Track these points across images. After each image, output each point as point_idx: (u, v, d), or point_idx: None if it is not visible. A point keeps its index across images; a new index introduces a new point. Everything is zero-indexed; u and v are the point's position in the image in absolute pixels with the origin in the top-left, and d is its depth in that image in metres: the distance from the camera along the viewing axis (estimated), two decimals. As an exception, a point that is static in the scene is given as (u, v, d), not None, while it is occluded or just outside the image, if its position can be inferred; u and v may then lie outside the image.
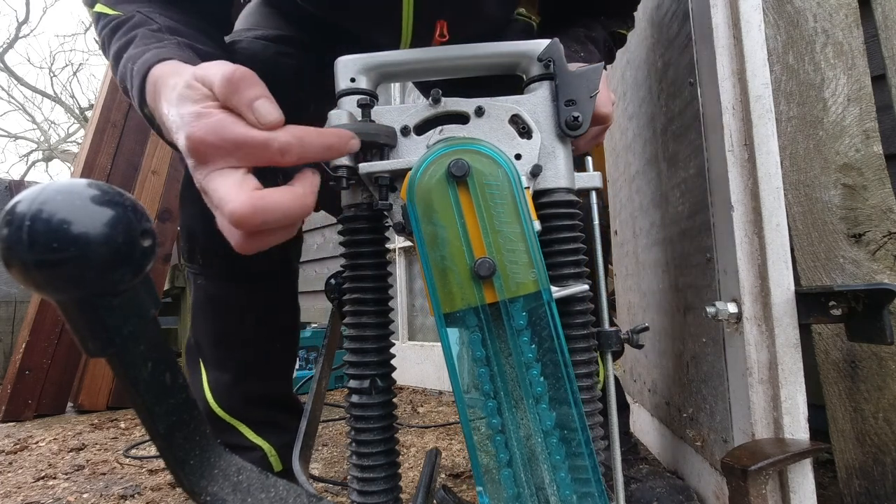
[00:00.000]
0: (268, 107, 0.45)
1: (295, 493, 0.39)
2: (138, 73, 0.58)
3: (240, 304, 0.89)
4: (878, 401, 0.75)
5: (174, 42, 0.63)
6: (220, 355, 0.92)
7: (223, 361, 0.91)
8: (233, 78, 0.45)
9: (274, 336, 0.94)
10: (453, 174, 0.47)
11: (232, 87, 0.45)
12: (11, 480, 1.29)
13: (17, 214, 0.25)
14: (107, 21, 0.69)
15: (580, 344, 0.54)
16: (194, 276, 0.90)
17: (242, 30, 0.88)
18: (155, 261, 0.29)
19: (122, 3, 0.70)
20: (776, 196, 0.67)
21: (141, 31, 0.65)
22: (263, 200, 0.43)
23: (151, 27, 0.66)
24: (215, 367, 0.92)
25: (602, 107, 0.62)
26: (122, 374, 0.30)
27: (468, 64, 0.63)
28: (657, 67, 1.08)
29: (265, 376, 0.94)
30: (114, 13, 0.69)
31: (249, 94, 0.45)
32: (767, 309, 0.67)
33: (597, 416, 0.54)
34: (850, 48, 0.84)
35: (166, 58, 0.58)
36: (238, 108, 0.45)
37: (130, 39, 0.64)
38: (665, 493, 0.86)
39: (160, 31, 0.66)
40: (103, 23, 0.70)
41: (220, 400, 0.92)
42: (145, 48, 0.61)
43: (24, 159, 11.75)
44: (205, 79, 0.47)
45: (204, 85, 0.47)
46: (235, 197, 0.42)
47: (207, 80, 0.47)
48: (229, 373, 0.91)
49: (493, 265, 0.46)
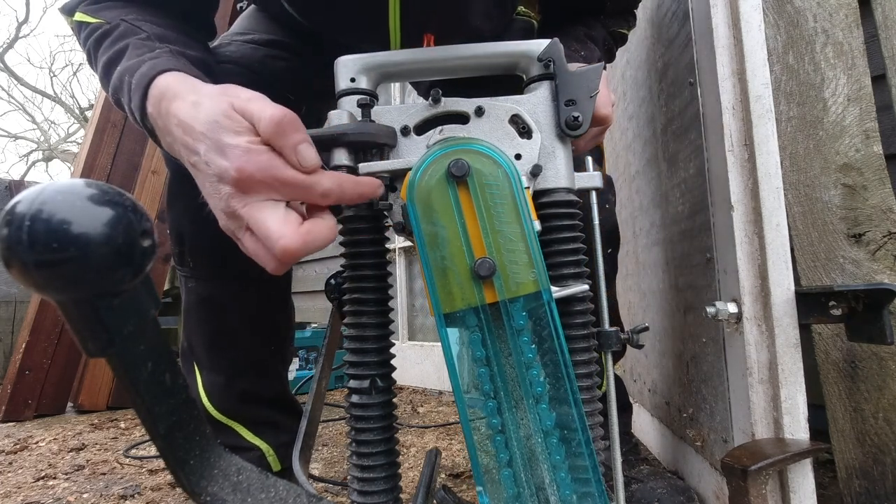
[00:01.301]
0: (310, 152, 0.48)
1: (295, 493, 0.39)
2: (138, 87, 0.57)
3: (231, 303, 0.89)
4: (878, 401, 0.75)
5: (167, 50, 0.63)
6: (214, 357, 0.92)
7: (216, 362, 0.92)
8: (282, 122, 0.47)
9: (267, 335, 0.94)
10: (453, 174, 0.47)
11: (280, 129, 0.47)
12: (11, 480, 1.29)
13: (17, 214, 0.25)
14: (90, 30, 0.68)
15: (580, 344, 0.54)
16: (185, 279, 0.90)
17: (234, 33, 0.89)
18: (155, 261, 0.29)
19: (104, 10, 0.69)
20: (776, 196, 0.67)
21: (131, 40, 0.64)
22: (311, 235, 0.48)
23: (140, 36, 0.65)
24: (209, 368, 0.92)
25: (602, 107, 0.62)
26: (122, 374, 0.30)
27: (468, 64, 0.63)
28: (657, 67, 1.08)
29: (259, 375, 0.94)
30: (96, 21, 0.68)
31: (295, 139, 0.48)
32: (767, 309, 0.67)
33: (597, 416, 0.53)
34: (850, 48, 0.84)
35: (167, 69, 0.57)
36: (282, 149, 0.48)
37: (121, 50, 0.64)
38: (666, 494, 0.86)
39: (150, 40, 0.65)
40: (86, 32, 0.68)
41: (216, 401, 0.92)
42: (139, 59, 0.60)
43: (24, 159, 11.76)
44: (245, 112, 0.49)
45: (244, 118, 0.49)
46: (286, 233, 0.47)
47: (249, 114, 0.49)
48: (223, 374, 0.91)
49: (493, 265, 0.46)
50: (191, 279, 0.89)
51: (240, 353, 0.91)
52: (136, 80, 0.58)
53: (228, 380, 0.91)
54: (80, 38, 0.70)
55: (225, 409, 0.92)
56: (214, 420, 0.92)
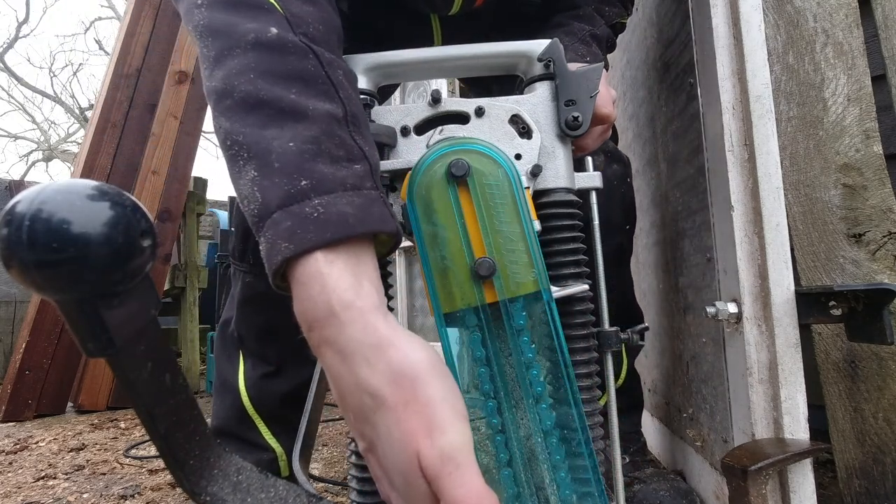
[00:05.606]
0: None
1: (295, 492, 0.39)
2: (295, 246, 0.38)
3: (288, 301, 0.91)
4: (878, 401, 0.75)
5: (374, 194, 0.42)
6: (264, 346, 0.95)
7: (266, 352, 0.95)
8: None
9: None
10: (453, 174, 0.47)
11: None
12: (11, 480, 1.29)
13: (17, 214, 0.25)
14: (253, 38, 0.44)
15: (580, 344, 0.54)
16: (243, 273, 0.93)
17: None
18: (155, 261, 0.29)
19: None
20: (776, 196, 0.67)
21: (321, 122, 0.42)
22: None
23: (335, 113, 0.43)
24: (258, 357, 0.95)
25: (602, 107, 0.62)
26: (122, 375, 0.30)
27: (468, 64, 0.63)
28: (657, 67, 1.08)
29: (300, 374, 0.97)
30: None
31: None
32: (767, 309, 0.67)
33: (597, 415, 0.53)
34: (850, 48, 0.84)
35: (333, 241, 0.38)
36: None
37: (303, 137, 0.41)
38: (668, 496, 0.85)
39: (345, 126, 0.43)
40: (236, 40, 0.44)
41: (252, 391, 0.95)
42: (328, 201, 0.39)
43: (24, 159, 11.75)
44: (434, 478, 0.35)
45: (427, 479, 0.36)
46: None
47: (437, 482, 0.35)
48: (272, 364, 0.95)
49: (493, 265, 0.46)
50: (248, 274, 0.92)
51: (288, 347, 0.94)
52: (297, 241, 0.38)
53: (272, 371, 0.95)
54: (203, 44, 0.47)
55: (258, 400, 0.95)
56: (244, 410, 0.95)
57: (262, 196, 0.40)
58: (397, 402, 0.37)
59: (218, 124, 0.44)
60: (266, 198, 0.40)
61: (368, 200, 0.41)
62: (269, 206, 0.40)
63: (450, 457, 0.35)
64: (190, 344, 2.70)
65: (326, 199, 0.39)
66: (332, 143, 0.42)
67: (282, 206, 0.39)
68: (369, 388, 0.37)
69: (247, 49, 0.44)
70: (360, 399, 0.38)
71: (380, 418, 0.37)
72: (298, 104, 0.42)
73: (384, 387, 0.37)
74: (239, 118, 0.42)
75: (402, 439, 0.36)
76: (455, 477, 0.35)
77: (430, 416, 0.36)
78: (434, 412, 0.36)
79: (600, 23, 0.85)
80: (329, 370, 0.40)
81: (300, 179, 0.40)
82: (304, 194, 0.39)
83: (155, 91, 2.47)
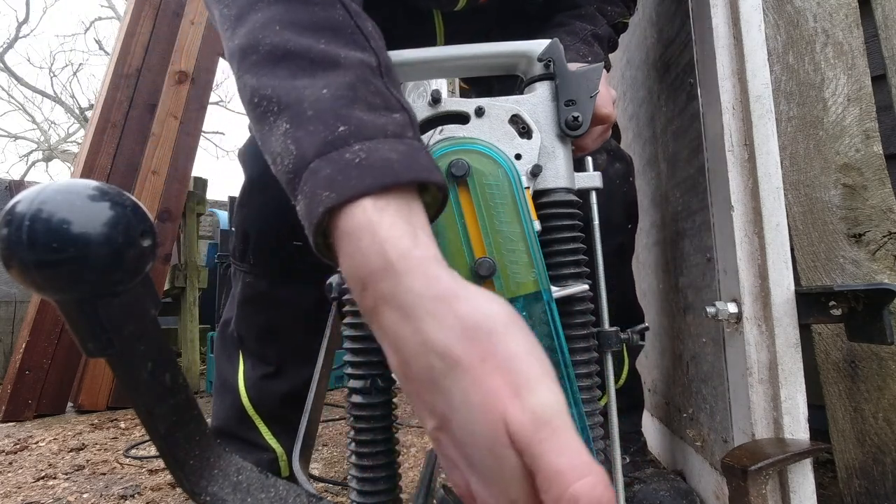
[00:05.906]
0: None
1: (295, 492, 0.39)
2: (338, 195, 0.34)
3: (288, 300, 0.92)
4: (878, 401, 0.75)
5: (418, 144, 0.39)
6: (264, 346, 0.95)
7: (266, 352, 0.95)
8: None
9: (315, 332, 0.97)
10: (453, 174, 0.47)
11: None
12: (11, 480, 1.29)
13: (17, 214, 0.25)
14: None
15: (580, 344, 0.54)
16: (243, 274, 0.93)
17: None
18: (155, 261, 0.29)
19: None
20: (776, 196, 0.67)
21: (355, 70, 0.39)
22: None
23: (370, 65, 0.41)
24: (258, 357, 0.95)
25: (602, 107, 0.62)
26: (122, 375, 0.30)
27: (468, 64, 0.63)
28: (657, 67, 1.08)
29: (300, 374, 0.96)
30: None
31: None
32: (767, 309, 0.67)
33: (597, 416, 0.53)
34: (850, 48, 0.84)
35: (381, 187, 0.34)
36: None
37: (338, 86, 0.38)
38: (668, 496, 0.86)
39: (379, 76, 0.41)
40: None
41: (252, 391, 0.95)
42: (371, 147, 0.36)
43: (24, 159, 11.76)
44: (527, 450, 0.29)
45: (519, 451, 0.30)
46: None
47: (534, 457, 0.29)
48: (271, 364, 0.95)
49: (493, 265, 0.46)
50: (248, 275, 0.92)
51: (288, 347, 0.94)
52: (336, 191, 0.34)
53: (272, 372, 0.95)
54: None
55: (258, 399, 0.94)
56: (244, 410, 0.95)
57: (296, 148, 0.37)
58: (473, 360, 0.31)
59: (242, 83, 0.41)
60: (301, 148, 0.36)
61: (413, 149, 0.37)
62: (306, 156, 0.36)
63: (544, 420, 0.29)
64: (190, 344, 2.70)
65: (368, 144, 0.36)
66: (369, 91, 0.39)
67: (320, 153, 0.36)
68: (438, 346, 0.31)
69: (270, 2, 0.42)
70: (427, 362, 0.32)
71: (453, 382, 0.31)
72: (329, 53, 0.40)
73: (456, 344, 0.31)
74: (266, 71, 0.40)
75: (483, 403, 0.30)
76: (552, 442, 0.29)
77: (514, 372, 0.30)
78: (520, 368, 0.31)
79: (602, 22, 0.85)
80: (388, 334, 0.34)
81: (337, 125, 0.36)
82: (343, 140, 0.36)
83: (155, 91, 2.47)
